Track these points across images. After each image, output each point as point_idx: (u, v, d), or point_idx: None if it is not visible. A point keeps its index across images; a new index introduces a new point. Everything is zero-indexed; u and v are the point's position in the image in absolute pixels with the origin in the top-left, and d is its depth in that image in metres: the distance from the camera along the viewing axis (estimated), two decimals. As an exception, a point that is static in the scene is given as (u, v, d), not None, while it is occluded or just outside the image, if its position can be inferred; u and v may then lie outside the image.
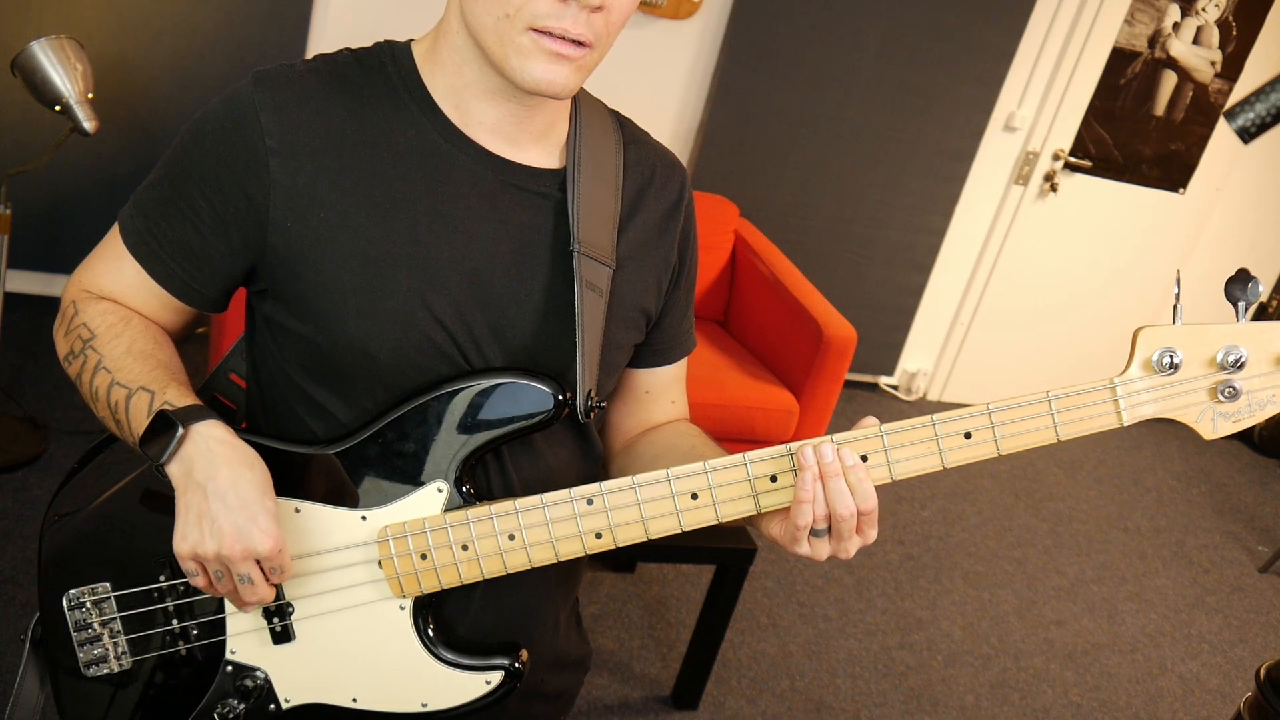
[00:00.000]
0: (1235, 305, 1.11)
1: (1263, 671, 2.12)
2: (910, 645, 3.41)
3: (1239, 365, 1.11)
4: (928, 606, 3.63)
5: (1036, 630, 3.66)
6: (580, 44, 1.08)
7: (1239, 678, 3.71)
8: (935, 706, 3.16)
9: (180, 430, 1.08)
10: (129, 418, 1.13)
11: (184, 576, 1.20)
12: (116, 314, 1.20)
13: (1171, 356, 1.11)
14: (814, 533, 1.12)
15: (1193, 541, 4.62)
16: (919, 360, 5.30)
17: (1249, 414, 1.13)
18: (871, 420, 1.13)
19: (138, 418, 1.12)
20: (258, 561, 1.08)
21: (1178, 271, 1.17)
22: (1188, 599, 4.13)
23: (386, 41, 1.22)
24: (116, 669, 1.24)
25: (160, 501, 1.22)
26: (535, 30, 1.06)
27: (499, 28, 1.07)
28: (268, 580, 1.10)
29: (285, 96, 1.13)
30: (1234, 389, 1.11)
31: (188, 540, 1.08)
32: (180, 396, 1.12)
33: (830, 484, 1.10)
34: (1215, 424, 1.13)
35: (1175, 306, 1.13)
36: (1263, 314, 5.64)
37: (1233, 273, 1.11)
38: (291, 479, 1.17)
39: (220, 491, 1.07)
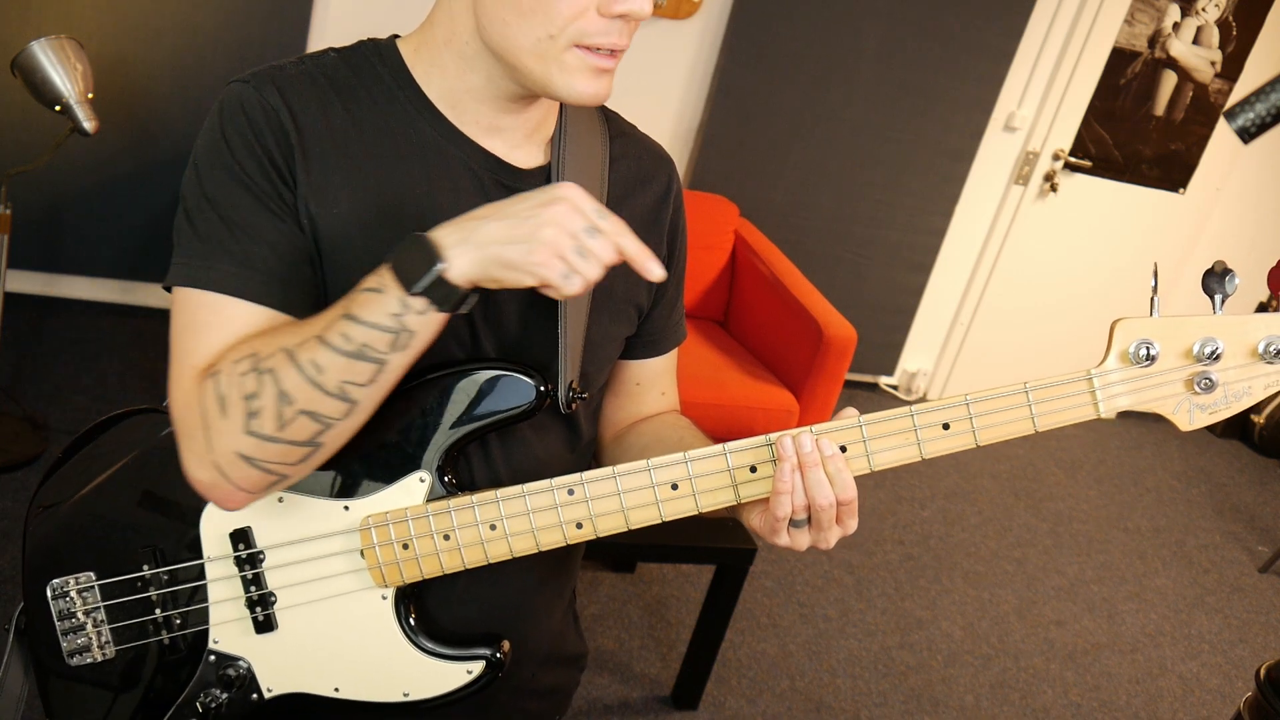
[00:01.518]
0: (1212, 298, 1.12)
1: (1263, 671, 2.12)
2: (910, 645, 3.41)
3: (1215, 357, 1.11)
4: (928, 606, 3.63)
5: (1036, 630, 3.66)
6: (615, 51, 1.09)
7: (1239, 678, 3.70)
8: (935, 706, 3.16)
9: (418, 237, 1.02)
10: (365, 321, 1.03)
11: (169, 565, 1.21)
12: (250, 336, 1.09)
13: (1148, 348, 1.11)
14: (794, 523, 1.13)
15: (1193, 541, 4.61)
16: (919, 360, 5.30)
17: (1225, 405, 1.13)
18: (851, 411, 1.13)
19: (373, 307, 1.03)
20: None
21: (1155, 264, 1.18)
22: (1188, 599, 4.12)
23: (370, 40, 1.22)
24: (100, 658, 1.25)
25: (147, 491, 1.23)
26: (580, 47, 1.07)
27: (541, 48, 1.07)
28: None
29: (291, 97, 1.12)
30: (1210, 380, 1.12)
31: (533, 250, 1.00)
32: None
33: (809, 474, 1.10)
34: (1192, 415, 1.14)
35: (1153, 299, 1.13)
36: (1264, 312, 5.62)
37: (1209, 265, 1.12)
38: None
39: (492, 210, 1.03)
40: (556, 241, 1.00)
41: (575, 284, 1.01)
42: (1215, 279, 1.10)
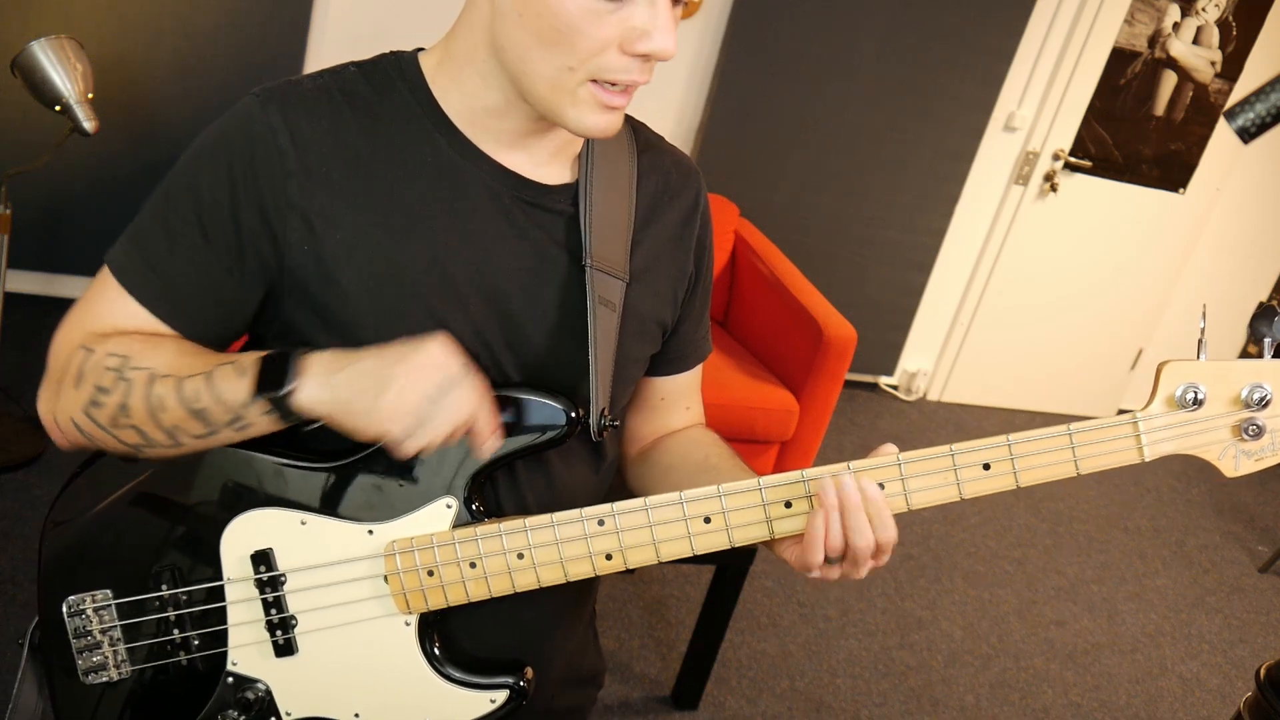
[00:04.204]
0: (1261, 342, 1.09)
1: (1263, 671, 2.12)
2: (910, 645, 3.41)
3: (1264, 403, 1.09)
4: (928, 606, 3.63)
5: (1036, 630, 3.67)
6: (630, 87, 1.08)
7: (1239, 678, 3.71)
8: (935, 706, 3.17)
9: (295, 353, 1.05)
10: (216, 393, 1.07)
11: (188, 585, 1.20)
12: (141, 335, 1.14)
13: (1195, 392, 1.09)
14: (828, 560, 1.13)
15: (1193, 541, 4.62)
16: (919, 360, 5.30)
17: (1272, 453, 1.11)
18: (890, 448, 1.12)
19: (229, 386, 1.07)
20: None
21: (1204, 306, 1.16)
22: (1188, 599, 4.14)
23: (392, 53, 1.20)
24: (115, 677, 1.23)
25: (167, 509, 1.22)
26: (595, 82, 1.06)
27: (559, 79, 1.06)
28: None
29: (297, 116, 1.11)
30: (1258, 427, 1.09)
31: (375, 408, 1.02)
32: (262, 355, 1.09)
33: (850, 517, 1.09)
34: (1238, 462, 1.11)
35: (1200, 341, 1.11)
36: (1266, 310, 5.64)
37: (1259, 309, 1.09)
38: (299, 491, 1.16)
39: (353, 359, 1.05)
40: (398, 405, 1.02)
41: (412, 447, 1.04)
42: (1265, 323, 1.08)
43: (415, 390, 1.02)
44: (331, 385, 1.04)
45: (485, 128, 1.16)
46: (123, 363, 1.10)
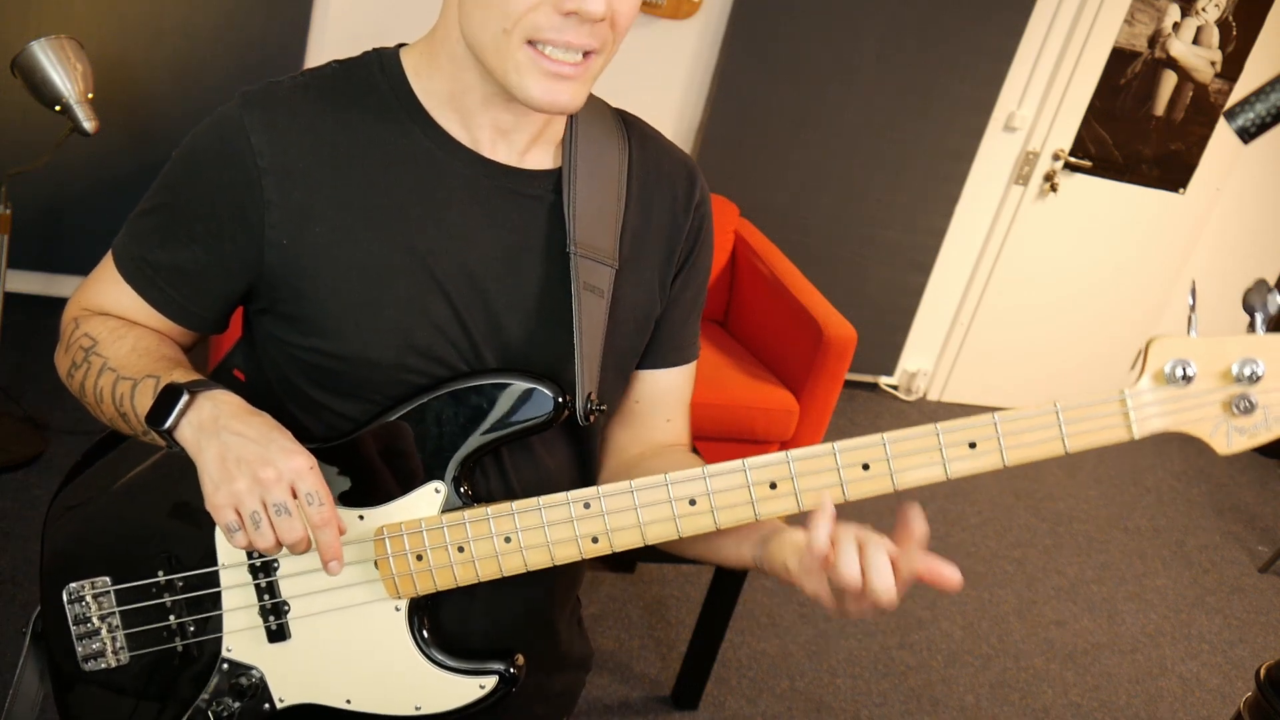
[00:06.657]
0: (1252, 316, 1.06)
1: (1263, 671, 2.12)
2: (910, 645, 3.41)
3: (1255, 378, 1.05)
4: (928, 606, 3.63)
5: (1036, 630, 3.66)
6: (586, 53, 1.07)
7: (1239, 678, 3.71)
8: (935, 706, 3.16)
9: (186, 396, 1.06)
10: (134, 405, 1.12)
11: (184, 571, 1.21)
12: (117, 321, 1.20)
13: (1185, 368, 1.05)
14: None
15: (1193, 541, 4.62)
16: (919, 360, 5.30)
17: (1265, 428, 1.07)
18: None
19: (143, 402, 1.11)
20: (294, 494, 1.04)
21: (1193, 282, 1.13)
22: (1188, 599, 4.13)
23: (374, 50, 1.21)
24: (114, 663, 1.25)
25: (163, 497, 1.23)
26: (533, 43, 1.06)
27: (498, 43, 1.07)
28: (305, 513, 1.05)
29: (274, 115, 1.13)
30: (1250, 402, 1.05)
31: (219, 488, 1.03)
32: (186, 376, 1.11)
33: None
34: (1230, 438, 1.07)
35: (1190, 317, 1.08)
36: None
37: (1251, 283, 1.06)
38: None
39: (236, 430, 1.05)
40: (241, 499, 1.03)
41: (238, 541, 1.05)
42: (1256, 296, 1.05)
43: (251, 496, 1.03)
44: (200, 441, 1.06)
45: (466, 114, 1.17)
46: (91, 345, 1.19)
